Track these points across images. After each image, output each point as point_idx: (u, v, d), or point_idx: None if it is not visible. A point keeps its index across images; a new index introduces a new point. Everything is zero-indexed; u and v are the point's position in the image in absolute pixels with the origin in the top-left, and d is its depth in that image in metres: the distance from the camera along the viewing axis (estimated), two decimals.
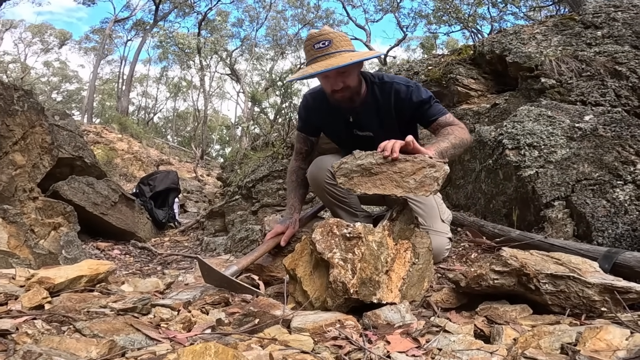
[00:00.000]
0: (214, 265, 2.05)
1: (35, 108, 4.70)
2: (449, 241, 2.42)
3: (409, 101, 2.22)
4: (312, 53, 2.10)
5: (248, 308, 1.61)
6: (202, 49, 23.76)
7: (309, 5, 27.57)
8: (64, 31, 36.95)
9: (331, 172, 2.35)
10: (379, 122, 2.33)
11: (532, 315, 1.55)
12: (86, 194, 5.74)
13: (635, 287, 1.50)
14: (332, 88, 2.16)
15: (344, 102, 2.24)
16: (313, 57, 2.10)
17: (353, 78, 2.17)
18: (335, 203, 2.45)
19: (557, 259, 1.65)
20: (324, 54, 2.07)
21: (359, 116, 2.34)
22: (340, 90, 2.16)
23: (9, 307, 1.59)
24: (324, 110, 2.39)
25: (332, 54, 2.06)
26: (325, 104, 2.36)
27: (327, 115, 2.41)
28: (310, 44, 2.10)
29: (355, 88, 2.21)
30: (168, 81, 38.44)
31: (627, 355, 1.14)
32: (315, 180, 2.44)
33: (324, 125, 2.52)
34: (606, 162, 2.60)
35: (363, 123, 2.36)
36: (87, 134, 13.41)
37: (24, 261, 3.11)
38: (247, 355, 1.10)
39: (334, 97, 2.22)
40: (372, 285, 1.59)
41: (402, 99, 2.23)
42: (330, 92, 2.20)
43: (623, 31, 3.75)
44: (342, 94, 2.18)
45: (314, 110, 2.45)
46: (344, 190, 2.38)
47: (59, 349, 1.15)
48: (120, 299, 1.74)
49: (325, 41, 2.07)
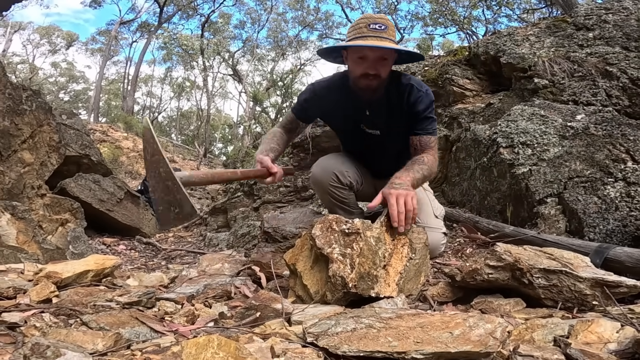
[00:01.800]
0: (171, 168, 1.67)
1: (43, 107, 4.68)
2: (444, 236, 2.41)
3: (414, 106, 2.17)
4: (365, 31, 2.01)
5: (250, 302, 1.61)
6: (205, 50, 23.71)
7: (309, 8, 27.54)
8: (71, 33, 36.92)
9: (336, 174, 2.36)
10: (389, 121, 2.28)
11: (525, 309, 1.55)
12: (93, 191, 5.73)
13: (625, 282, 1.51)
14: (366, 71, 2.06)
15: (367, 91, 2.15)
16: (364, 34, 2.01)
17: (387, 70, 2.11)
18: (336, 203, 2.45)
19: (550, 254, 1.65)
20: (377, 36, 2.00)
21: (372, 111, 2.27)
22: (373, 77, 2.07)
23: (17, 301, 1.59)
24: (335, 102, 2.30)
25: (384, 39, 2.01)
26: (338, 95, 2.28)
27: (338, 107, 2.32)
28: (366, 23, 2.02)
29: (384, 80, 2.14)
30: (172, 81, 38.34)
31: (618, 347, 1.15)
32: (319, 182, 2.41)
33: (331, 117, 2.48)
34: (597, 160, 2.60)
35: (374, 120, 2.30)
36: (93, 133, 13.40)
37: (32, 256, 3.11)
38: (249, 348, 1.10)
39: (360, 82, 2.12)
40: (370, 280, 1.59)
41: (412, 102, 2.17)
42: (360, 76, 2.10)
43: (614, 33, 3.74)
44: (370, 82, 2.09)
45: (321, 100, 2.32)
46: (345, 192, 2.40)
47: (66, 341, 1.15)
48: (126, 293, 1.74)
49: (382, 25, 2.01)
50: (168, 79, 38.21)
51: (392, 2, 22.59)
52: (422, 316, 1.25)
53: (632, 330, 1.22)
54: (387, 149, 2.41)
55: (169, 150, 20.04)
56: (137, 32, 29.91)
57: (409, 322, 1.20)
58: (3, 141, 4.10)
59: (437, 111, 4.25)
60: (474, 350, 1.06)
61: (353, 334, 1.15)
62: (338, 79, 2.31)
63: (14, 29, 31.67)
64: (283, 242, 2.32)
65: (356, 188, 2.49)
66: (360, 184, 2.51)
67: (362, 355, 1.08)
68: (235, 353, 1.00)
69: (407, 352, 1.06)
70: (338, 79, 2.31)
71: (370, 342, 1.10)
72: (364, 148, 2.47)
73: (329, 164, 2.42)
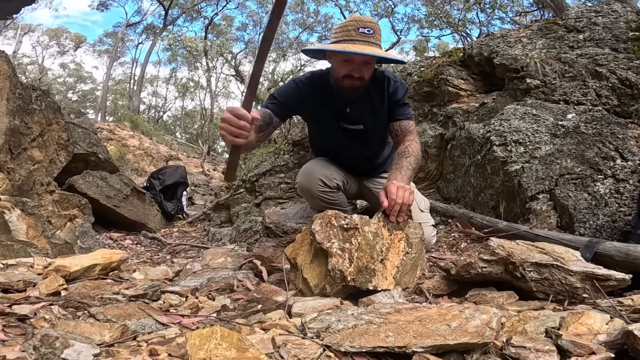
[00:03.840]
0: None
1: (52, 107, 4.68)
2: (433, 229, 2.40)
3: (393, 95, 2.19)
4: (353, 34, 1.96)
5: (252, 294, 1.61)
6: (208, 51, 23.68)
7: (309, 11, 27.46)
8: (79, 35, 36.93)
9: (322, 180, 2.30)
10: (373, 115, 2.26)
11: (518, 301, 1.55)
12: (100, 187, 5.73)
13: (614, 275, 1.50)
14: (350, 73, 2.03)
15: (349, 91, 2.12)
16: (352, 38, 1.97)
17: (370, 72, 2.09)
18: (327, 206, 2.32)
19: (542, 249, 1.65)
20: (364, 40, 1.96)
21: (354, 108, 2.23)
22: (356, 79, 2.05)
23: (27, 294, 1.58)
24: (315, 99, 2.23)
25: (372, 44, 1.97)
26: (318, 92, 2.21)
27: (318, 104, 2.25)
28: (355, 26, 1.97)
29: (367, 82, 2.12)
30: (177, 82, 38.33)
31: (607, 339, 1.14)
32: (307, 190, 2.35)
33: (310, 114, 2.38)
34: (587, 157, 2.59)
35: (357, 115, 2.25)
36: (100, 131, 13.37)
37: (42, 250, 3.10)
38: (251, 339, 1.10)
39: (343, 82, 2.09)
40: (368, 273, 1.59)
41: (391, 92, 2.19)
42: (343, 77, 2.07)
43: (603, 35, 3.73)
44: (353, 83, 2.06)
45: (303, 96, 2.22)
46: (334, 194, 2.35)
47: (74, 332, 1.15)
48: (132, 286, 1.74)
49: (371, 29, 1.97)
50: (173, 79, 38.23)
51: (389, 5, 22.55)
52: (419, 310, 1.25)
53: (621, 322, 1.22)
54: (369, 141, 2.38)
55: (173, 148, 20.01)
56: (142, 34, 29.82)
57: (407, 317, 1.20)
58: (13, 139, 4.10)
59: (433, 110, 4.25)
60: (471, 342, 1.06)
61: (354, 331, 1.15)
62: (317, 77, 2.25)
63: (24, 31, 31.60)
64: (284, 237, 2.31)
65: (344, 188, 2.43)
66: (347, 183, 2.47)
67: (365, 351, 1.08)
68: (238, 344, 1.00)
69: (408, 346, 1.06)
70: (317, 77, 2.25)
71: (372, 338, 1.10)
72: (343, 145, 2.40)
73: (313, 170, 2.36)
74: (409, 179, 1.98)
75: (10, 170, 3.99)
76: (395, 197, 1.79)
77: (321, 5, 26.43)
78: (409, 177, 1.99)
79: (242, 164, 7.00)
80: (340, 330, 1.17)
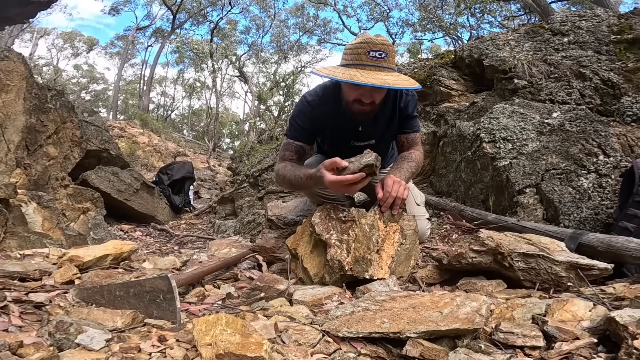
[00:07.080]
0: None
1: (67, 106, 4.66)
2: (428, 222, 2.36)
3: (406, 109, 2.04)
4: (364, 59, 1.71)
5: (255, 283, 1.61)
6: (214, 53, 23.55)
7: (309, 15, 27.34)
8: (92, 38, 36.72)
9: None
10: (384, 129, 2.08)
11: (506, 290, 1.55)
12: (111, 182, 5.72)
13: (597, 265, 1.50)
14: (360, 98, 1.80)
15: (359, 115, 1.91)
16: (362, 62, 1.72)
17: (381, 96, 1.86)
18: (324, 201, 2.19)
19: (529, 240, 1.65)
20: (376, 65, 1.72)
21: (366, 126, 2.03)
22: (367, 105, 1.82)
23: (43, 282, 1.58)
24: (329, 120, 2.01)
25: (384, 68, 1.73)
26: (333, 108, 1.99)
27: (330, 124, 2.04)
28: (365, 50, 1.71)
29: (377, 106, 1.89)
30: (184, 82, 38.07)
31: (590, 325, 1.14)
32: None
33: (323, 135, 2.16)
34: (572, 153, 2.59)
35: (368, 133, 2.06)
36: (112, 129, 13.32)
37: (57, 241, 3.10)
38: (254, 325, 1.10)
39: (353, 107, 1.87)
40: (364, 263, 1.59)
41: (403, 106, 2.03)
42: (352, 101, 1.84)
43: (587, 38, 3.71)
44: (364, 108, 1.85)
45: (320, 113, 2.00)
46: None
47: (87, 319, 1.15)
48: (142, 275, 1.74)
49: (383, 53, 1.71)
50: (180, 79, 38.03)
51: (384, 9, 22.47)
52: (413, 297, 1.24)
53: (603, 309, 1.22)
54: (377, 152, 2.24)
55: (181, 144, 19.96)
56: (152, 37, 29.68)
57: (401, 304, 1.19)
58: (30, 137, 4.08)
59: (426, 109, 4.23)
60: (462, 328, 1.06)
61: (352, 317, 1.15)
62: (330, 94, 2.01)
63: (40, 34, 31.45)
64: (285, 229, 2.31)
65: None
66: None
67: (361, 336, 1.08)
68: (242, 330, 0.99)
69: (402, 332, 1.05)
70: (330, 93, 2.01)
71: (368, 324, 1.10)
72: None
73: (312, 166, 2.21)
74: (406, 180, 1.92)
75: (27, 165, 3.98)
76: (391, 189, 1.77)
77: (320, 10, 26.32)
78: (406, 178, 1.93)
79: (245, 160, 6.99)
80: (339, 316, 1.17)
